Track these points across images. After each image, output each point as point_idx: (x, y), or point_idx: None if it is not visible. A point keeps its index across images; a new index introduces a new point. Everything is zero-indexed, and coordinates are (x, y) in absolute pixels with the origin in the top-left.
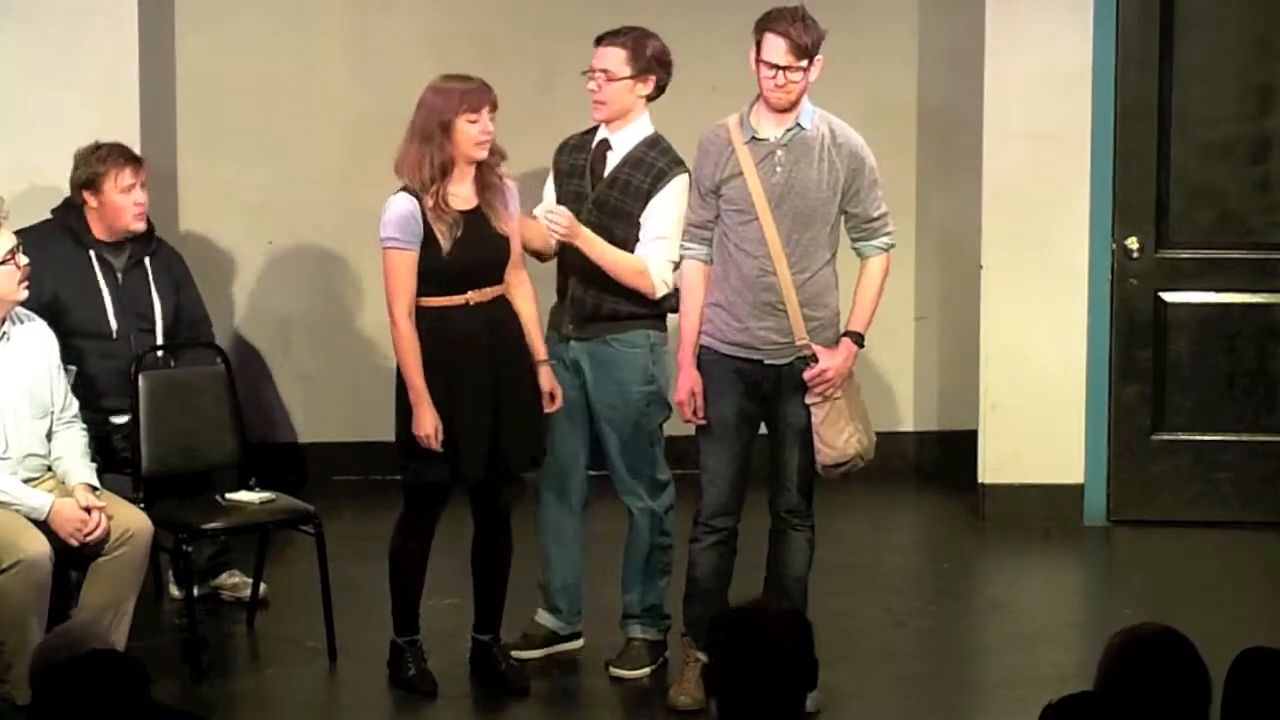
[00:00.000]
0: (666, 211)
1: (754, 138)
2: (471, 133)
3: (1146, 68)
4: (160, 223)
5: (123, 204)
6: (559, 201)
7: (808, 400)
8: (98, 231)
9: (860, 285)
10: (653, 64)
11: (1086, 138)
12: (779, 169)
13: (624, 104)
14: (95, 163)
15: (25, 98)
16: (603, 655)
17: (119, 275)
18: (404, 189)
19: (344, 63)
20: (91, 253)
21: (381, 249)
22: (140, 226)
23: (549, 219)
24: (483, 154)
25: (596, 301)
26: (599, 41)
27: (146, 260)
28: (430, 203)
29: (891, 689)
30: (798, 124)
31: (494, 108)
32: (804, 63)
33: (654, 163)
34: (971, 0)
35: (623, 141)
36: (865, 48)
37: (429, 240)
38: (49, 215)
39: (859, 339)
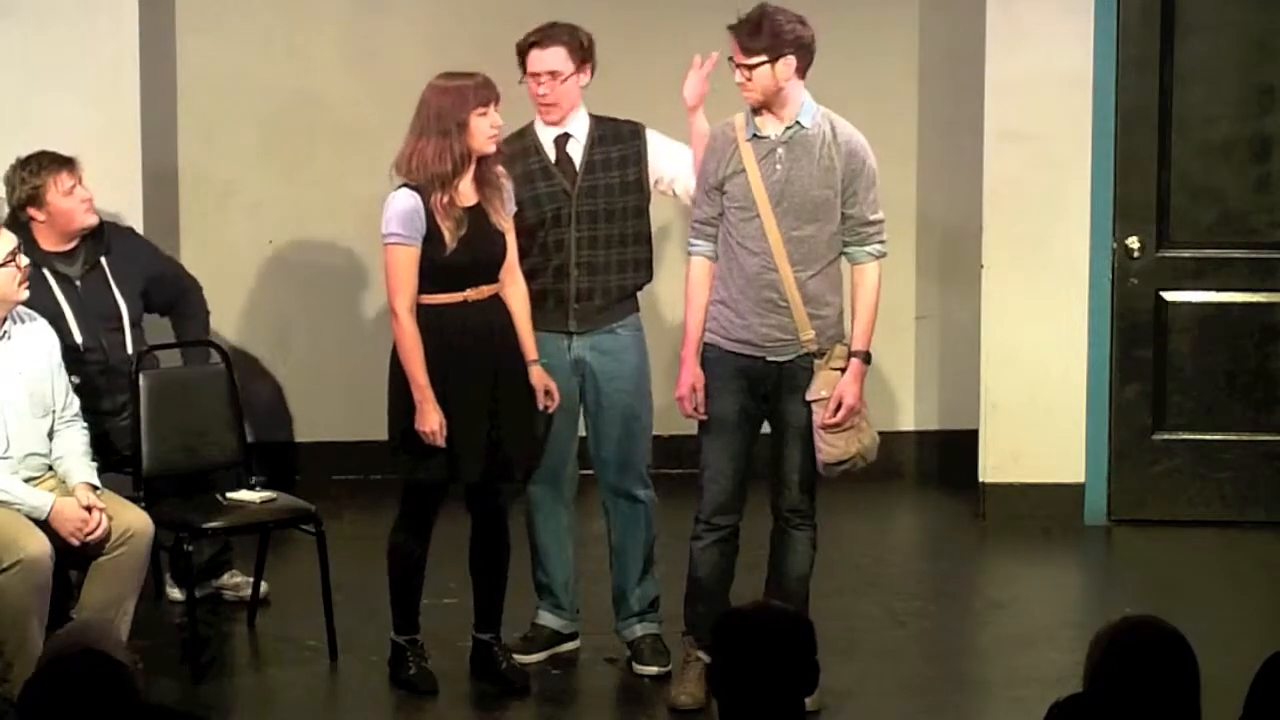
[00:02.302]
0: (667, 142)
1: (755, 135)
2: (483, 127)
3: (1147, 67)
4: (160, 223)
5: (70, 206)
6: (530, 208)
7: (807, 395)
8: (49, 243)
9: (858, 298)
10: (588, 52)
11: (1087, 137)
12: (779, 166)
13: (573, 99)
14: (30, 177)
15: (25, 98)
16: (602, 655)
17: (77, 284)
18: (405, 185)
19: (344, 63)
20: (45, 270)
21: (384, 245)
22: (93, 220)
23: None
24: (492, 147)
25: (604, 288)
26: (533, 46)
27: (103, 260)
28: (444, 199)
29: (891, 689)
30: (797, 122)
31: (498, 101)
32: (754, 60)
33: (620, 129)
34: (971, 0)
35: (579, 129)
36: (865, 48)
37: (431, 236)
38: None
39: (866, 357)
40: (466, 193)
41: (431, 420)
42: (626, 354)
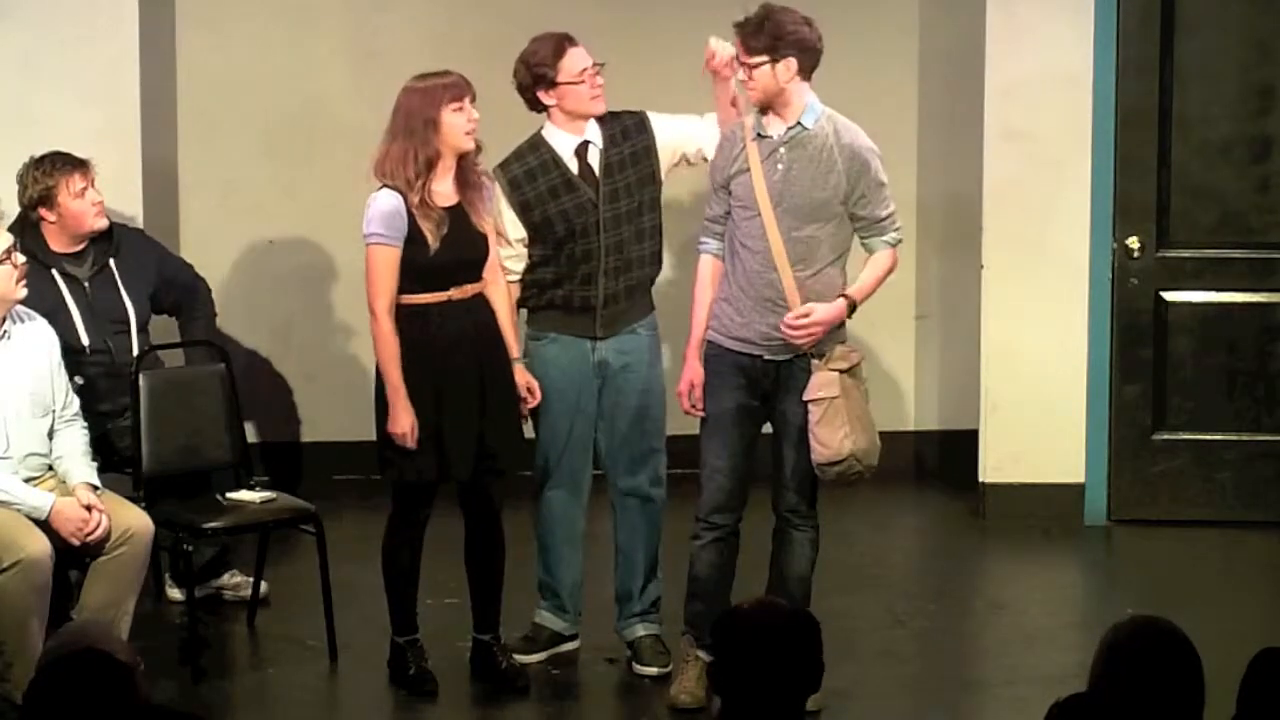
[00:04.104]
0: (673, 119)
1: (759, 135)
2: (459, 122)
3: (1146, 68)
4: (160, 223)
5: (81, 209)
6: (558, 222)
7: (804, 395)
8: (58, 244)
9: (867, 267)
10: None
11: (1087, 138)
12: (779, 166)
13: None
14: (43, 177)
15: (25, 99)
16: (602, 655)
17: (86, 285)
18: (386, 186)
19: (344, 63)
20: (54, 270)
21: (365, 245)
22: (103, 223)
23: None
24: (471, 143)
25: (628, 288)
26: (574, 43)
27: (111, 262)
28: (416, 200)
29: (891, 689)
30: (799, 123)
31: (474, 98)
32: (755, 60)
33: (626, 123)
34: (971, 0)
35: (594, 134)
36: (865, 48)
37: (413, 237)
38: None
39: (852, 305)
40: (446, 193)
41: (403, 422)
42: (643, 353)
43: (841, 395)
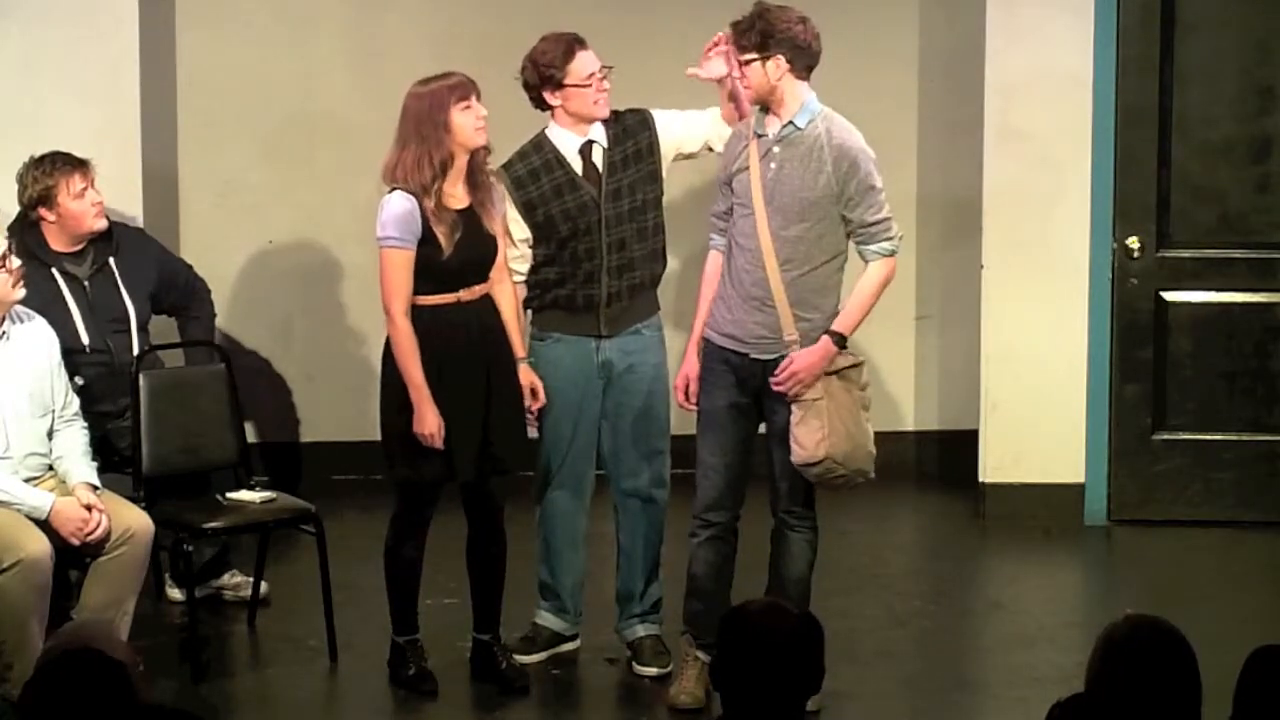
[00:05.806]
0: (677, 115)
1: (757, 134)
2: (468, 120)
3: (1147, 67)
4: (160, 222)
5: (80, 209)
6: (561, 221)
7: (787, 394)
8: (58, 244)
9: (855, 287)
10: None
11: (1087, 137)
12: (772, 165)
13: None
14: (43, 177)
15: (25, 99)
16: (602, 655)
17: (86, 285)
18: (398, 189)
19: (344, 63)
20: (54, 269)
21: (379, 248)
22: (102, 224)
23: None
24: (483, 138)
25: (632, 285)
26: (584, 46)
27: (111, 261)
28: (431, 204)
29: (891, 689)
30: (791, 122)
31: (479, 94)
32: (746, 57)
33: (629, 121)
34: (971, 0)
35: (598, 133)
36: (865, 48)
37: (426, 239)
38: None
39: (840, 339)
40: (459, 195)
41: (430, 422)
42: (648, 354)
43: (825, 397)
